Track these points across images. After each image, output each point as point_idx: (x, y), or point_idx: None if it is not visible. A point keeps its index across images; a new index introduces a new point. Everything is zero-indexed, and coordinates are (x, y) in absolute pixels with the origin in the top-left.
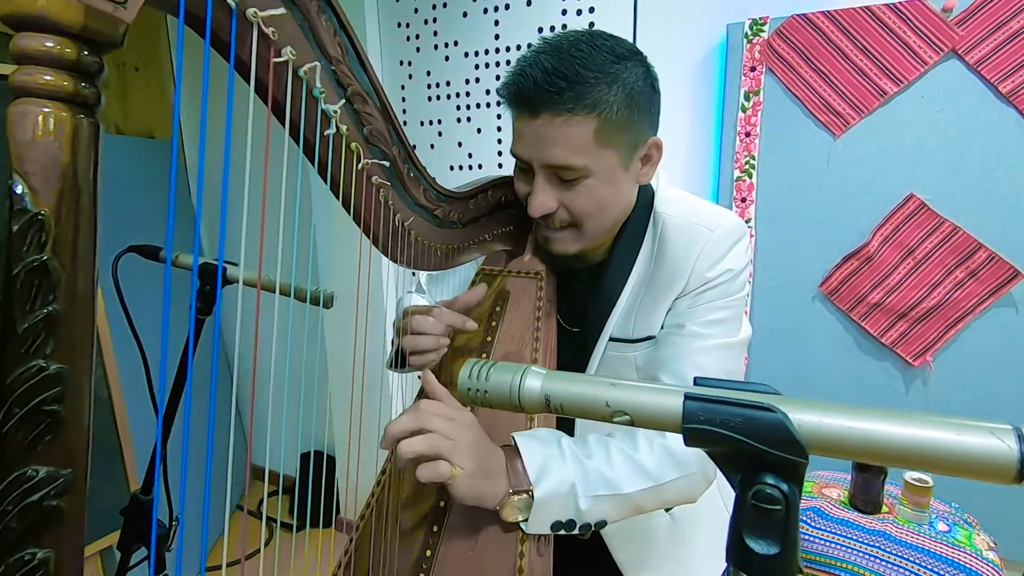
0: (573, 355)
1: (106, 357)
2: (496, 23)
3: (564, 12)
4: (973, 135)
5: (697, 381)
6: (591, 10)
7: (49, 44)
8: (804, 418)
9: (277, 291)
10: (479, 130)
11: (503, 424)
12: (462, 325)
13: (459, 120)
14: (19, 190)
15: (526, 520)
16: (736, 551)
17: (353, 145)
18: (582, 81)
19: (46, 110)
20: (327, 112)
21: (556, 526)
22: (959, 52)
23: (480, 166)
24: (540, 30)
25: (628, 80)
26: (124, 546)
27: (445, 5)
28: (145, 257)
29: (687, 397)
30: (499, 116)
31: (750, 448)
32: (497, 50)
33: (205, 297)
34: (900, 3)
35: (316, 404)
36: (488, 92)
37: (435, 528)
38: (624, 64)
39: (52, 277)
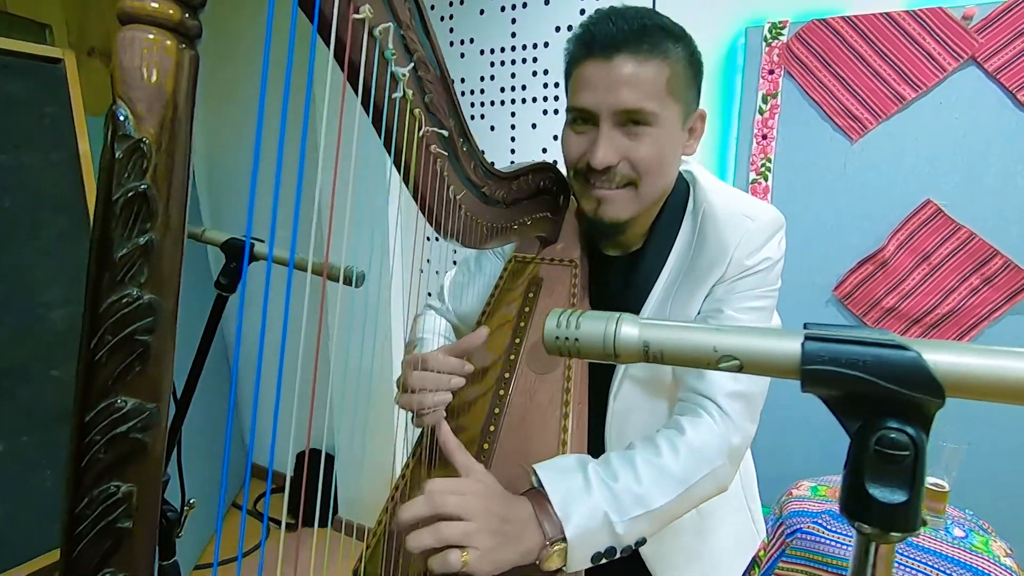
0: None
1: None
2: (513, 21)
3: (583, 12)
4: (991, 142)
5: (807, 325)
6: None
7: None
8: (939, 357)
9: (290, 266)
10: (492, 127)
11: (537, 450)
12: (460, 370)
13: (473, 117)
14: (122, 116)
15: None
16: (856, 501)
17: (416, 111)
18: (655, 31)
19: (151, 36)
20: (396, 75)
21: (597, 557)
22: (978, 59)
23: (492, 163)
24: (557, 29)
25: (688, 44)
26: None
27: (462, 3)
28: None
29: (807, 337)
30: (513, 114)
31: (879, 389)
32: (513, 48)
33: (230, 273)
34: (920, 10)
35: (324, 402)
36: (503, 90)
37: None
38: (681, 31)
39: (151, 205)
